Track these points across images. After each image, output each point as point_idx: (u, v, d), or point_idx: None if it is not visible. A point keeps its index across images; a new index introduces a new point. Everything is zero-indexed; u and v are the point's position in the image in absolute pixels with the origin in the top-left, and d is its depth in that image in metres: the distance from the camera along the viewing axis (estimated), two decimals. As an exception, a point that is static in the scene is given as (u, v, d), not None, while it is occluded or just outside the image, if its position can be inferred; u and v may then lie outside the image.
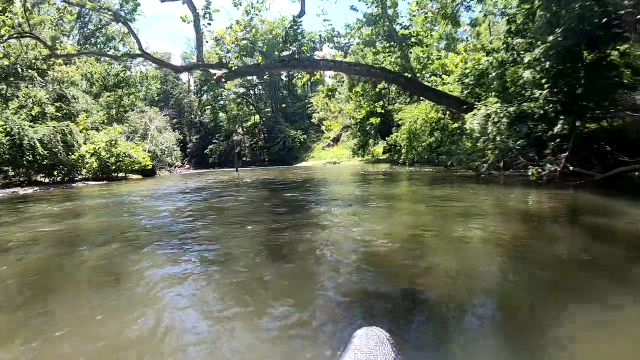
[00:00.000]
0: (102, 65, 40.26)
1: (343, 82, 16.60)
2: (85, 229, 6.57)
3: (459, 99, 17.47)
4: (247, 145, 58.44)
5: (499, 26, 26.44)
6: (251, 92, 61.18)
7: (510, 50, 13.05)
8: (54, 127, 20.05)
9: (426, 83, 20.98)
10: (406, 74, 16.17)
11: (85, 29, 38.61)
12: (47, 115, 20.82)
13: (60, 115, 21.25)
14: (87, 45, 38.74)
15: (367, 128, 32.94)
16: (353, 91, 16.69)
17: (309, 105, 56.69)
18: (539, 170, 8.90)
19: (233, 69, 13.99)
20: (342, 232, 4.89)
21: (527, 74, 9.54)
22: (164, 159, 36.41)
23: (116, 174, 25.53)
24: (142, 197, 11.30)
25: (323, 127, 18.28)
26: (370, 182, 12.39)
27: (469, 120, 10.62)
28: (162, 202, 9.99)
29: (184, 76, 64.09)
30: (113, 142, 24.48)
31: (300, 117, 58.54)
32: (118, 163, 24.63)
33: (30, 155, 18.91)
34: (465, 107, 15.92)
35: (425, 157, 28.05)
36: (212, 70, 14.76)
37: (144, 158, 26.43)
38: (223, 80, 14.41)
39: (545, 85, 9.84)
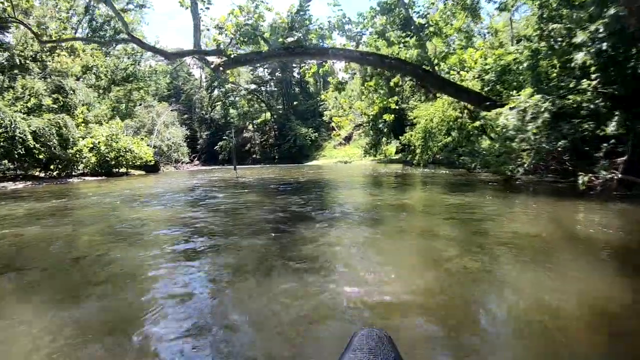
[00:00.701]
0: (112, 60, 39.47)
1: (355, 74, 14.92)
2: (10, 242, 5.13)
3: (480, 94, 15.71)
4: (257, 142, 57.12)
5: (518, 22, 24.71)
6: (262, 88, 59.78)
7: (546, 37, 11.27)
8: (48, 119, 18.84)
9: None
10: (424, 66, 14.46)
11: (94, 22, 37.54)
12: (44, 107, 19.62)
13: (56, 107, 20.05)
14: (94, 38, 37.61)
15: (380, 126, 31.19)
16: (365, 85, 15.00)
17: (321, 103, 55.09)
18: (592, 177, 7.14)
19: (232, 56, 12.47)
20: (345, 284, 2.97)
21: (579, 57, 7.75)
22: (170, 154, 35.27)
23: (117, 170, 24.34)
24: (124, 198, 9.91)
25: (332, 124, 16.55)
26: (383, 186, 10.80)
27: (502, 115, 8.87)
28: (139, 205, 8.56)
29: (196, 72, 63.19)
30: (114, 137, 23.27)
31: (312, 115, 56.95)
32: (119, 158, 23.41)
33: (23, 149, 17.73)
34: (487, 103, 14.29)
35: (441, 157, 26.31)
36: (209, 59, 13.30)
37: (145, 153, 25.18)
38: (221, 69, 12.92)
39: (594, 75, 8.05)
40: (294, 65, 59.28)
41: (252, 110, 57.80)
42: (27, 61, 20.73)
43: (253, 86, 57.27)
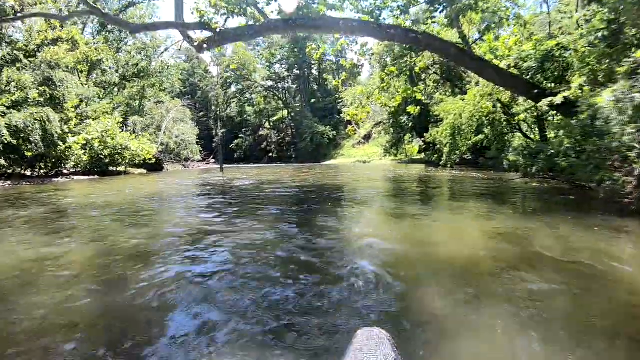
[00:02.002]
0: (125, 56, 37.70)
1: (372, 54, 11.97)
2: None
3: (528, 81, 12.55)
4: (273, 141, 54.61)
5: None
6: (279, 85, 57.10)
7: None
8: (31, 113, 16.66)
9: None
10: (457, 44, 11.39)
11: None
12: (29, 100, 17.48)
13: (43, 100, 17.88)
14: (104, 33, 35.88)
15: (402, 122, 27.93)
16: (386, 71, 12.02)
17: (340, 101, 52.12)
18: None
19: (218, 30, 9.76)
20: None
21: None
22: (179, 152, 33.04)
23: (115, 168, 22.14)
24: (87, 206, 7.31)
25: (347, 116, 13.30)
26: (407, 197, 7.92)
27: (602, 103, 5.77)
28: (93, 219, 5.93)
29: (214, 70, 61.20)
30: (110, 133, 21.06)
31: (330, 113, 53.95)
32: (115, 156, 21.17)
33: (0, 146, 15.61)
34: (535, 92, 11.28)
35: (469, 158, 22.97)
36: (193, 36, 10.65)
37: (144, 151, 22.88)
38: (205, 46, 10.23)
39: None
40: (312, 62, 56.56)
41: (269, 108, 55.29)
42: (16, 52, 18.63)
43: (270, 83, 54.70)
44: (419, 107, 13.49)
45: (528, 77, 14.03)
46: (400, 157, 33.15)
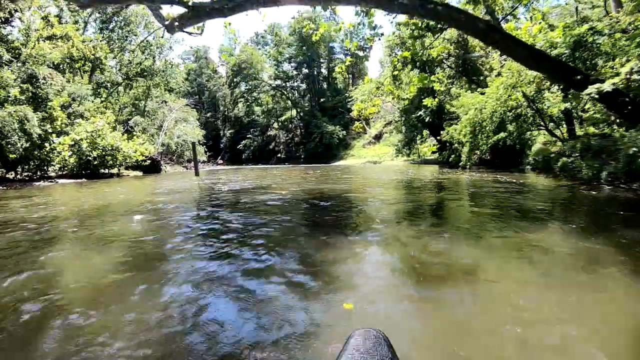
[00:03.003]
0: (129, 55, 36.32)
1: (380, 36, 9.80)
2: None
3: (568, 65, 10.35)
4: (282, 141, 52.69)
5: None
6: (287, 84, 55.19)
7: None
8: (9, 113, 15.02)
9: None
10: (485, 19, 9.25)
11: (101, 14, 34.48)
12: (10, 99, 15.87)
13: (24, 99, 16.25)
14: (107, 32, 34.56)
15: (418, 117, 25.59)
16: (398, 56, 9.89)
17: (350, 100, 50.01)
18: None
19: (191, 4, 7.80)
20: None
21: None
22: (181, 153, 31.37)
23: (107, 170, 20.48)
24: (18, 222, 5.37)
25: (354, 111, 11.00)
26: (439, 212, 5.89)
27: None
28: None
29: (222, 69, 59.73)
30: (100, 133, 19.39)
31: (339, 112, 51.85)
32: (104, 158, 19.50)
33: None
34: (578, 77, 9.25)
35: (487, 158, 20.62)
36: (164, 13, 8.74)
37: (137, 152, 21.16)
38: (177, 24, 8.29)
39: None
40: (322, 60, 54.61)
41: (277, 108, 53.42)
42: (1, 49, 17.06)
43: (278, 82, 52.82)
44: (436, 99, 11.25)
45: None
46: (413, 158, 30.90)
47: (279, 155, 51.78)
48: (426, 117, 20.17)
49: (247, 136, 52.70)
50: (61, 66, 32.09)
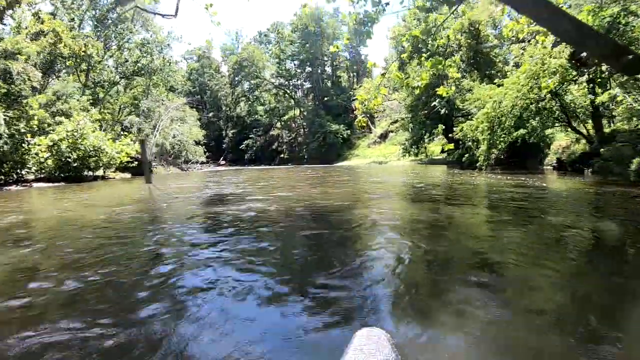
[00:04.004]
0: (126, 53, 34.72)
1: (386, 6, 7.82)
2: None
3: (618, 43, 8.26)
4: (285, 141, 50.69)
5: None
6: (290, 82, 53.15)
7: None
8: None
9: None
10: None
11: (96, 12, 32.89)
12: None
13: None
14: (104, 30, 32.92)
15: (426, 114, 23.47)
16: (407, 35, 7.84)
17: (355, 98, 47.79)
18: None
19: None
20: None
21: None
22: (178, 153, 29.61)
23: (91, 173, 18.76)
24: None
25: (356, 104, 8.85)
26: (461, 252, 4.08)
27: None
28: None
29: (225, 69, 57.91)
30: (82, 133, 17.68)
31: (344, 111, 49.71)
32: (86, 159, 17.78)
33: None
34: (631, 57, 6.92)
35: (502, 157, 18.48)
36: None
37: (121, 153, 19.40)
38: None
39: None
40: (325, 58, 52.60)
41: (280, 107, 51.48)
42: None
43: (280, 80, 50.85)
44: (452, 88, 9.15)
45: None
46: (420, 158, 28.79)
47: (282, 155, 49.88)
48: (441, 109, 17.95)
49: (250, 136, 50.85)
50: (55, 65, 30.77)
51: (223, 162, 50.81)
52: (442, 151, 25.60)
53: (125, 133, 22.98)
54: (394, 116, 41.48)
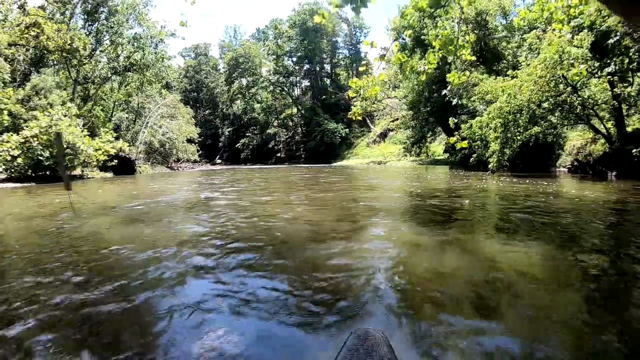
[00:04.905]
0: (117, 48, 32.89)
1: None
2: None
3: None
4: (282, 140, 48.82)
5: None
6: (287, 80, 51.19)
7: None
8: None
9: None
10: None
11: (87, 5, 31.11)
12: None
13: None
14: (96, 25, 31.10)
15: (429, 110, 21.64)
16: (412, 3, 5.89)
17: (355, 96, 45.81)
18: None
19: None
20: None
21: None
22: (168, 151, 27.83)
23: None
24: None
25: (350, 92, 6.59)
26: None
27: None
28: None
29: (221, 64, 56.09)
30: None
31: (343, 109, 47.94)
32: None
33: None
34: None
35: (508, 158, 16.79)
36: None
37: (98, 151, 17.69)
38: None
39: None
40: (324, 55, 50.82)
41: (277, 104, 49.65)
42: None
43: (277, 77, 48.96)
44: (467, 73, 7.42)
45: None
46: (422, 158, 27.06)
47: (279, 154, 48.08)
48: (453, 99, 16.12)
49: (246, 134, 49.02)
50: (45, 59, 29.04)
51: (219, 161, 49.03)
52: (452, 149, 23.85)
53: (106, 129, 21.19)
54: (394, 114, 39.81)
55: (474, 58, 6.67)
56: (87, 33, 31.09)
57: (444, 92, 15.61)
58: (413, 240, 3.51)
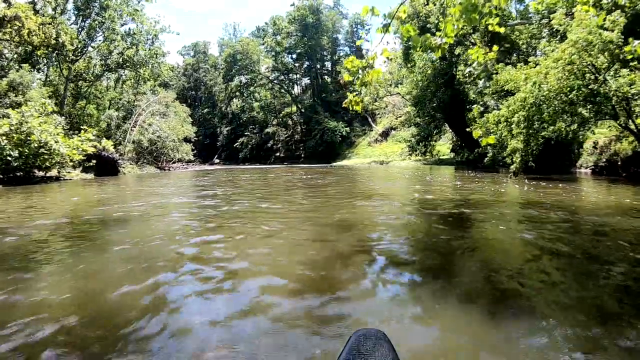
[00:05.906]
0: (109, 44, 31.16)
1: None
2: None
3: None
4: (281, 139, 46.84)
5: None
6: (286, 77, 49.17)
7: None
8: None
9: None
10: None
11: (78, 0, 29.38)
12: None
13: None
14: (89, 21, 29.31)
15: (434, 106, 19.67)
16: None
17: (356, 93, 43.85)
18: None
19: None
20: None
21: None
22: (159, 151, 26.04)
23: (44, 173, 15.56)
24: None
25: (343, 74, 5.26)
26: None
27: None
28: None
29: (219, 62, 54.29)
30: (28, 127, 14.41)
31: (343, 107, 45.78)
32: (30, 157, 14.48)
33: None
34: None
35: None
36: None
37: (73, 150, 15.97)
38: None
39: None
40: (325, 53, 48.90)
41: (276, 103, 47.73)
42: None
43: (276, 74, 47.01)
44: (495, 48, 5.71)
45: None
46: (426, 158, 25.15)
47: (278, 154, 46.18)
48: (468, 79, 14.04)
49: (245, 133, 47.14)
50: (34, 56, 27.35)
51: (217, 161, 47.24)
52: (459, 149, 21.93)
53: (90, 128, 19.43)
54: (397, 112, 37.87)
55: (502, 30, 4.73)
56: (80, 29, 29.43)
57: (468, 70, 13.67)
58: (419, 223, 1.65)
